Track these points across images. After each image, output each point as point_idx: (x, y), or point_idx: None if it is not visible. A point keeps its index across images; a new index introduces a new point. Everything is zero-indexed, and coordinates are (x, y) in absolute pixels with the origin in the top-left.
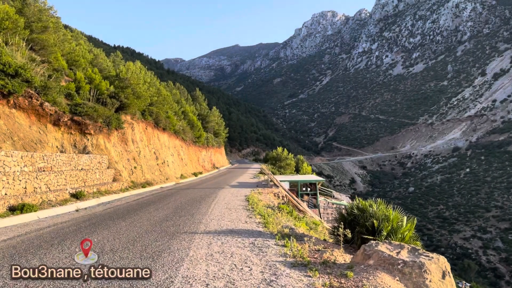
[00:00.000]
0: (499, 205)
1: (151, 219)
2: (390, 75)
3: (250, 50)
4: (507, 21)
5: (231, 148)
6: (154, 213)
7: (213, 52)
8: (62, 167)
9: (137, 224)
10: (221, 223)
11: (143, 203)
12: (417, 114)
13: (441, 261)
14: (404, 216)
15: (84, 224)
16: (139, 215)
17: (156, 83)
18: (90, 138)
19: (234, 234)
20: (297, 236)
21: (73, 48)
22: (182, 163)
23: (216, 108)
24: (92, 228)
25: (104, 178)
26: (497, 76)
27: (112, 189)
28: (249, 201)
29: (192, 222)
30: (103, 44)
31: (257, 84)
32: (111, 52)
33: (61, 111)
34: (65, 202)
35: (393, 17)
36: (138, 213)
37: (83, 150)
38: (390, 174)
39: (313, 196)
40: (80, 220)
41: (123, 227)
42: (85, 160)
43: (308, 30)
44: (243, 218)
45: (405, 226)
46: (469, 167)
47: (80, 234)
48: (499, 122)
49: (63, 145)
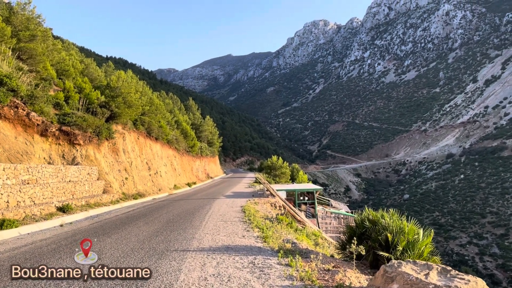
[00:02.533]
0: (494, 211)
1: (140, 234)
2: (382, 82)
3: (243, 60)
4: (497, 28)
5: (225, 157)
6: (144, 228)
7: (206, 62)
8: (49, 179)
9: (123, 241)
10: (216, 238)
11: (133, 216)
12: (410, 121)
13: (479, 284)
14: (420, 229)
15: (65, 242)
16: (127, 230)
17: (148, 92)
18: (79, 148)
19: (230, 251)
20: (301, 252)
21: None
22: (175, 173)
23: (209, 118)
24: (73, 246)
25: (94, 190)
26: (488, 83)
27: (102, 202)
28: (245, 212)
29: (184, 237)
30: (95, 55)
31: (251, 93)
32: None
33: (48, 121)
34: (51, 216)
35: (385, 26)
36: (127, 228)
37: (72, 161)
38: (385, 181)
39: (311, 205)
40: (62, 237)
41: (107, 245)
42: (73, 172)
43: (300, 39)
44: (240, 232)
45: (423, 239)
46: (464, 173)
47: (58, 255)
48: (492, 128)
49: (50, 156)
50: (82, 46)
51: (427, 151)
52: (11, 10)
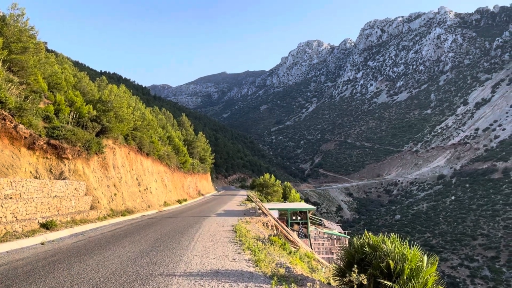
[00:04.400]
0: (485, 233)
1: (124, 255)
2: (375, 103)
3: (237, 78)
4: (487, 52)
5: (217, 174)
6: (129, 248)
7: (200, 79)
8: (33, 194)
9: (105, 263)
10: (205, 261)
11: (120, 234)
12: (402, 142)
13: None
14: (424, 256)
15: (43, 263)
16: (111, 250)
17: (141, 107)
18: (68, 163)
19: (220, 276)
20: (296, 279)
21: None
22: (166, 189)
23: (202, 134)
24: (50, 268)
25: (81, 206)
26: (479, 105)
27: (88, 218)
28: (236, 232)
29: (171, 259)
30: (89, 69)
31: (244, 110)
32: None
33: (36, 134)
34: (33, 233)
35: (377, 47)
36: (111, 248)
37: (59, 175)
38: (376, 201)
39: (303, 225)
40: (41, 257)
41: (88, 267)
42: (59, 187)
43: (294, 58)
44: (230, 254)
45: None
46: (454, 194)
47: (32, 278)
48: (482, 150)
49: (37, 170)
50: (77, 61)
51: (419, 172)
52: (4, 21)
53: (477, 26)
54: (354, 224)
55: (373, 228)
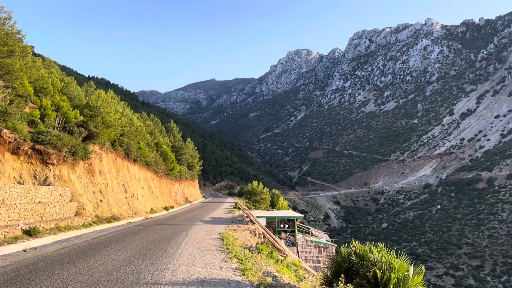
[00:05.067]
0: (470, 242)
1: (109, 263)
2: (362, 112)
3: (226, 85)
4: (473, 64)
5: (205, 181)
6: (114, 255)
7: (189, 85)
8: (16, 200)
9: (89, 271)
10: (191, 269)
11: (105, 241)
12: (389, 151)
13: None
14: (411, 265)
15: (25, 271)
16: (96, 258)
17: (129, 113)
18: (53, 168)
19: (206, 285)
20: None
21: (42, 75)
22: (152, 196)
23: (190, 140)
24: (32, 276)
25: (65, 212)
26: (464, 116)
27: (73, 225)
28: (223, 240)
29: (156, 268)
30: (77, 74)
31: (233, 118)
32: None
33: (21, 139)
34: (15, 240)
35: (365, 57)
36: (95, 255)
37: (44, 181)
38: (363, 210)
39: (291, 233)
40: (22, 264)
41: (70, 276)
42: (44, 193)
43: (284, 67)
44: (217, 263)
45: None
46: (440, 203)
47: (13, 286)
48: (467, 160)
49: (21, 176)
50: (64, 65)
51: (405, 181)
52: None
53: (462, 38)
54: (341, 232)
55: (360, 237)
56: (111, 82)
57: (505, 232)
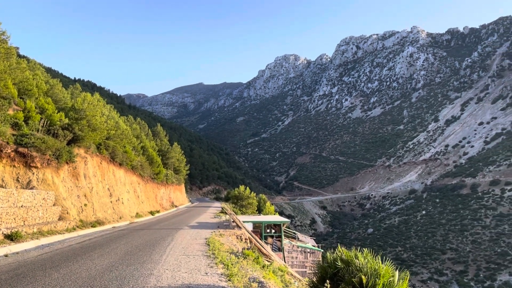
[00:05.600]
0: (454, 248)
1: (92, 269)
2: (349, 118)
3: (214, 89)
4: (457, 71)
5: (191, 185)
6: (98, 261)
7: (176, 89)
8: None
9: (72, 277)
10: (176, 275)
11: (89, 246)
12: (375, 156)
13: None
14: (396, 271)
15: (5, 276)
16: (79, 263)
17: (115, 116)
18: (36, 171)
19: None
20: None
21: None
22: (138, 200)
23: (177, 144)
24: (13, 282)
25: (49, 216)
26: (448, 123)
27: (56, 229)
28: (209, 245)
29: (141, 273)
30: (63, 76)
31: (220, 122)
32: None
33: (4, 141)
34: None
35: (352, 63)
36: (79, 261)
37: (27, 184)
38: (349, 215)
39: (277, 239)
40: (3, 270)
41: (52, 281)
42: (27, 196)
43: (271, 72)
44: (203, 268)
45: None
46: (425, 209)
47: None
48: (452, 166)
49: (3, 179)
50: (49, 67)
51: (391, 186)
52: None
53: (447, 46)
54: (327, 237)
55: (346, 242)
56: (97, 85)
57: (488, 237)
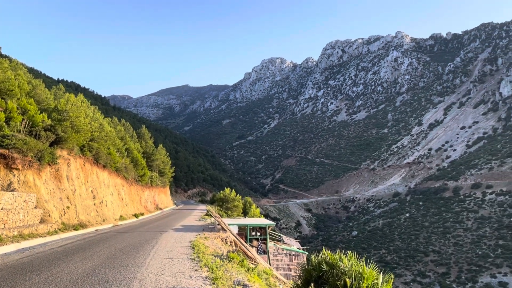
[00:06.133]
0: (436, 250)
1: (74, 272)
2: (334, 121)
3: (200, 91)
4: (440, 76)
5: (176, 188)
6: (80, 264)
7: (162, 90)
8: None
9: (53, 281)
10: (160, 278)
11: (71, 249)
12: (360, 160)
13: None
14: (380, 274)
15: None
16: (61, 267)
17: (99, 118)
18: (17, 173)
19: None
20: None
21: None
22: (122, 203)
23: (162, 147)
24: None
25: (30, 219)
26: (432, 126)
27: (37, 232)
28: (194, 248)
29: (124, 277)
30: (46, 77)
31: (206, 124)
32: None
33: None
34: None
35: (338, 67)
36: (60, 264)
37: (7, 186)
38: (334, 217)
39: (262, 241)
40: None
41: (33, 286)
42: (7, 199)
43: (258, 74)
44: (187, 272)
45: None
46: (409, 212)
47: None
48: (435, 170)
49: None
50: (32, 67)
51: (375, 189)
52: None
53: (431, 51)
54: (312, 240)
55: (330, 244)
56: (82, 86)
57: (470, 240)
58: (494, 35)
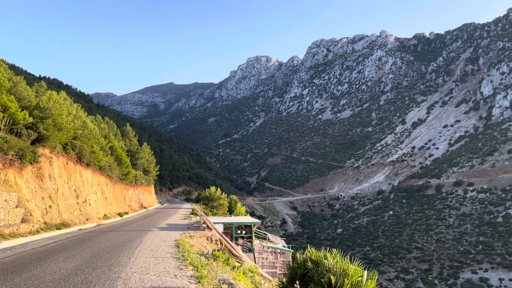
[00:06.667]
0: (419, 247)
1: (57, 272)
2: (319, 119)
3: (185, 89)
4: (423, 75)
5: (161, 186)
6: (63, 264)
7: (146, 88)
8: None
9: (35, 281)
10: (144, 277)
11: (53, 249)
12: (344, 158)
13: None
14: (365, 271)
15: None
16: (43, 267)
17: (82, 115)
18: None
19: None
20: None
21: None
22: (106, 202)
23: (147, 145)
24: None
25: (10, 218)
26: (415, 125)
27: (19, 232)
28: (179, 247)
29: (108, 276)
30: (27, 74)
31: (191, 122)
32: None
33: None
34: None
35: (323, 66)
36: (42, 264)
37: None
38: (319, 215)
39: (248, 240)
40: None
41: (15, 286)
42: None
43: (243, 73)
44: (172, 271)
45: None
46: (392, 209)
47: None
48: (418, 168)
49: None
50: (13, 64)
51: (360, 187)
52: None
53: (414, 51)
54: (297, 238)
55: (316, 242)
56: (64, 83)
57: (452, 236)
58: (475, 35)
